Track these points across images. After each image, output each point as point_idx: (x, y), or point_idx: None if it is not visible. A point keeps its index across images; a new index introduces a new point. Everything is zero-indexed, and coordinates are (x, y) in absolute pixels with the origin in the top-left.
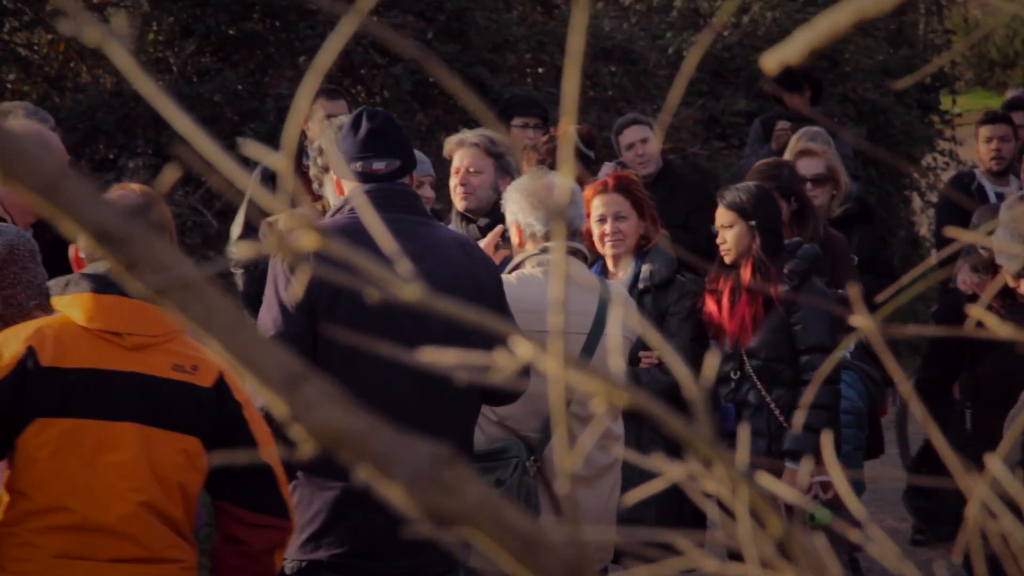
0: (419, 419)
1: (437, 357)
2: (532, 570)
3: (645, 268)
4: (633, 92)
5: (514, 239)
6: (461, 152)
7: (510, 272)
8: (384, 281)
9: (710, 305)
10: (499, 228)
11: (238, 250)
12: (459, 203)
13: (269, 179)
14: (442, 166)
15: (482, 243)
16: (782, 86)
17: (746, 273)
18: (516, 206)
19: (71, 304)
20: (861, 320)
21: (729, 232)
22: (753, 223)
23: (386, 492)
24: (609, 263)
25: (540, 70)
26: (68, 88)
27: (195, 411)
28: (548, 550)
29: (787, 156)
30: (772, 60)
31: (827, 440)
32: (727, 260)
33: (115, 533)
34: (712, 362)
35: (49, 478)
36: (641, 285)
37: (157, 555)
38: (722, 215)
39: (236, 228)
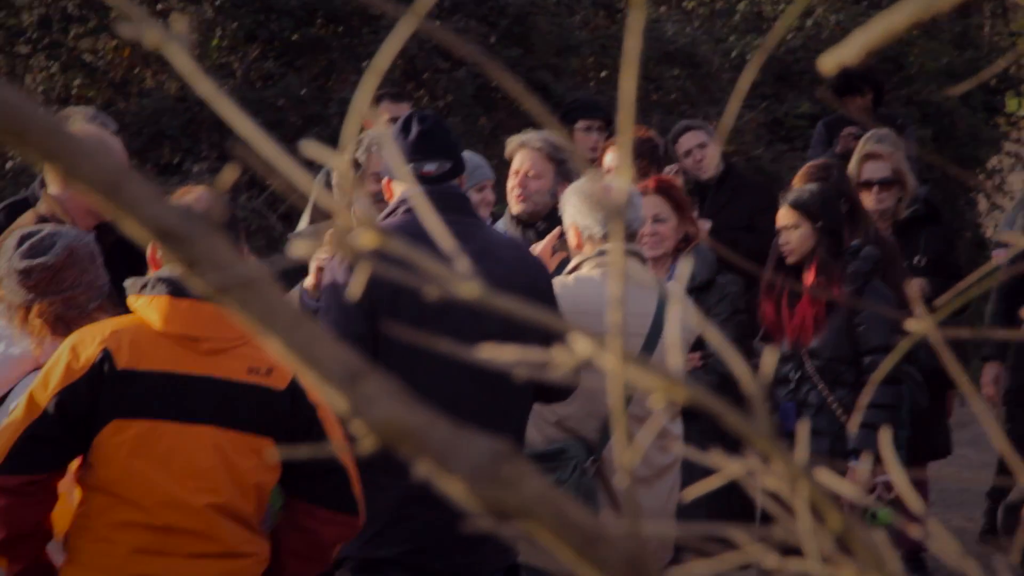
0: (476, 416)
1: (495, 354)
2: (592, 564)
3: (684, 270)
4: (696, 95)
5: (572, 241)
6: (522, 154)
7: (568, 274)
8: (443, 279)
9: (766, 306)
10: (556, 231)
11: (297, 248)
12: (514, 206)
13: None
14: (505, 169)
15: (539, 246)
16: (844, 90)
17: (810, 274)
18: (574, 208)
19: (147, 307)
20: (919, 322)
21: (793, 233)
22: (818, 224)
23: (446, 487)
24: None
25: (603, 74)
26: (133, 93)
27: (269, 414)
28: (608, 544)
29: (853, 160)
30: (830, 61)
31: (886, 439)
32: (790, 261)
33: (190, 532)
34: (771, 358)
35: (125, 478)
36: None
37: (232, 550)
38: (786, 216)
39: (301, 230)
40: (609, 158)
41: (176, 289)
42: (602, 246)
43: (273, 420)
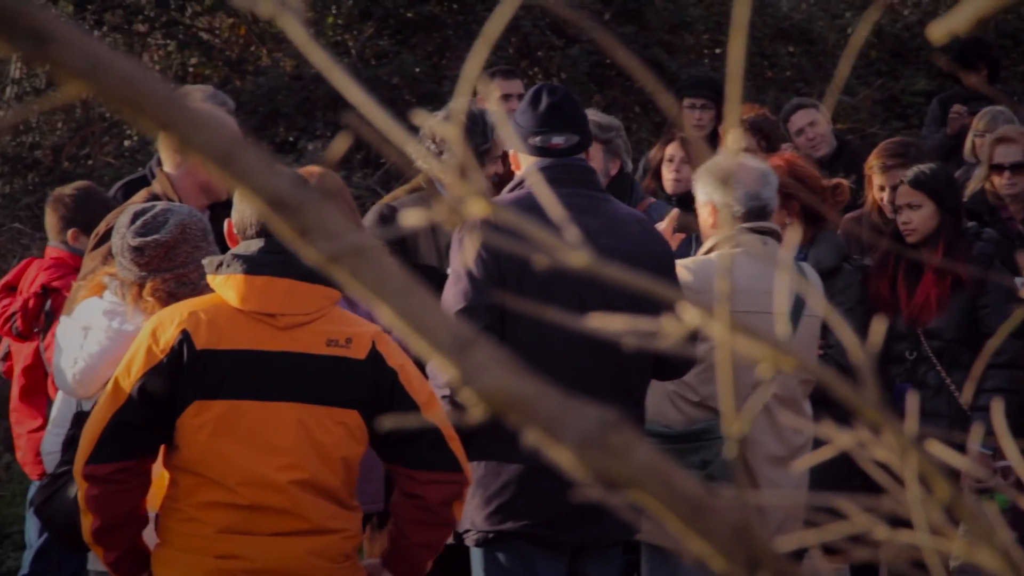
0: (597, 389)
1: (605, 323)
2: (699, 533)
3: (811, 256)
4: (811, 72)
5: (707, 220)
6: None
7: (706, 253)
8: (552, 248)
9: (880, 284)
10: (675, 212)
11: (408, 217)
12: None
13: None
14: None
15: (659, 227)
16: (959, 65)
17: (937, 253)
18: (711, 186)
19: (224, 285)
20: None
21: (915, 212)
22: (942, 203)
23: (554, 456)
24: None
25: (717, 51)
26: (249, 71)
27: (351, 384)
28: (716, 514)
29: (986, 142)
30: (940, 30)
31: (1000, 421)
32: (911, 240)
33: (275, 510)
34: (880, 328)
35: (209, 458)
36: None
37: (319, 527)
38: (907, 194)
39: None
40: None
41: (251, 266)
42: (741, 224)
43: (356, 390)
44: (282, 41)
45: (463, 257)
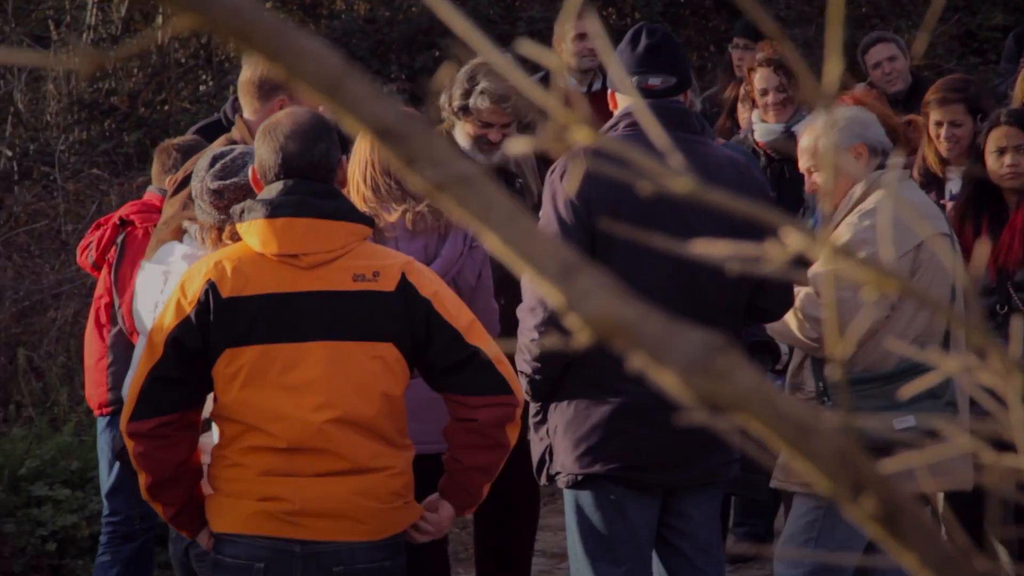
0: (690, 315)
1: (708, 248)
2: (805, 455)
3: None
4: (888, 9)
5: (853, 162)
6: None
7: (859, 200)
8: (656, 173)
9: (965, 228)
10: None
11: (512, 146)
12: None
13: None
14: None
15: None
16: None
17: None
18: (856, 129)
19: (248, 231)
20: None
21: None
22: None
23: (660, 379)
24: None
25: None
26: (323, 15)
27: (383, 317)
28: (821, 436)
29: None
30: None
31: None
32: (1014, 185)
33: (315, 450)
34: (983, 252)
35: (245, 405)
36: None
37: (361, 466)
38: (1016, 136)
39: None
40: (757, 78)
41: (271, 210)
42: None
43: (388, 322)
44: None
45: (566, 185)
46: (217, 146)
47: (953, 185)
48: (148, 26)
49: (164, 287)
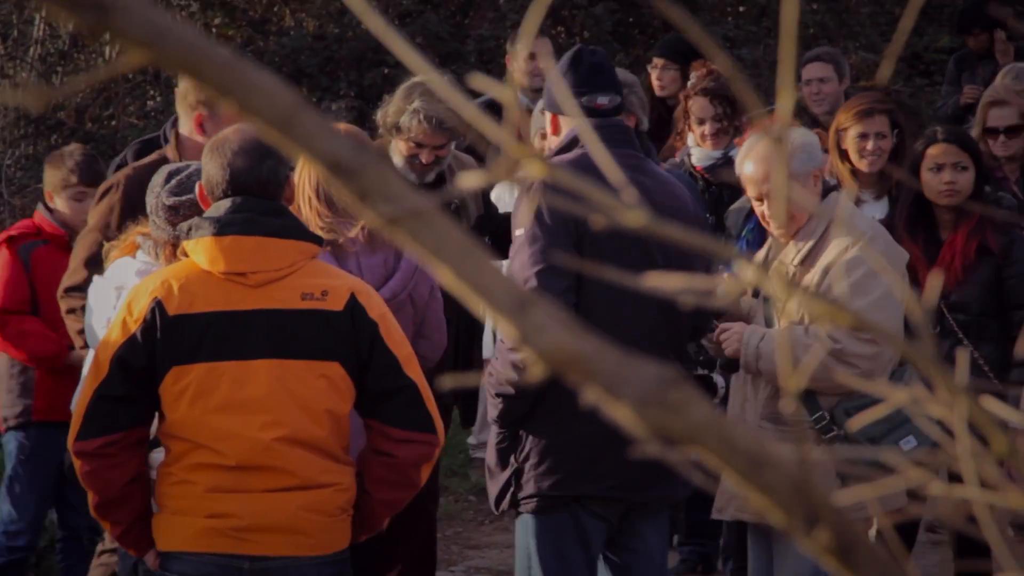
0: (664, 346)
1: (662, 282)
2: (758, 488)
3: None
4: (835, 30)
5: (812, 188)
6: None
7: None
8: (610, 208)
9: (909, 247)
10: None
11: (465, 180)
12: None
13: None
14: None
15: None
16: (966, 25)
17: (970, 220)
18: (810, 153)
19: (195, 249)
20: None
21: (963, 174)
22: (979, 166)
23: (613, 413)
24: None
25: (741, 8)
26: (272, 32)
27: (329, 336)
28: (774, 468)
29: (980, 104)
30: None
31: None
32: (950, 202)
33: (264, 468)
34: (935, 283)
35: (193, 423)
36: None
37: (310, 482)
38: (954, 154)
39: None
40: (694, 107)
41: (218, 227)
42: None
43: (334, 342)
44: (305, 1)
45: (537, 217)
46: (147, 162)
47: (868, 207)
48: (96, 41)
49: (117, 303)
